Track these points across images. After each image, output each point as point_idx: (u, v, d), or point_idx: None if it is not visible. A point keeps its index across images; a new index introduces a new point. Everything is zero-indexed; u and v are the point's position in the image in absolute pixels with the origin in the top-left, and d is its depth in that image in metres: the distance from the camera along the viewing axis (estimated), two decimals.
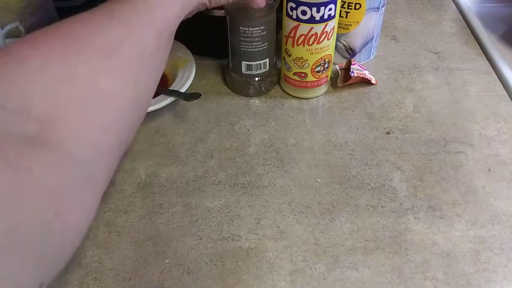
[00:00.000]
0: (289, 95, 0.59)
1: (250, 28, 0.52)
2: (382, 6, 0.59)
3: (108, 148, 0.29)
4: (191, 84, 0.57)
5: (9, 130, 0.23)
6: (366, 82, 0.60)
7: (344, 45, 0.61)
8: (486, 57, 0.64)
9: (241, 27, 0.52)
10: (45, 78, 0.25)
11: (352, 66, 0.58)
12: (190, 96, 0.55)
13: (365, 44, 0.61)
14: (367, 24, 0.59)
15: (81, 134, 0.26)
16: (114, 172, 0.31)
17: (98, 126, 0.28)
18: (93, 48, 0.28)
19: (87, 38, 0.29)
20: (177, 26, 0.37)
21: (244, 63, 0.56)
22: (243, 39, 0.53)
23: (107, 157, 0.29)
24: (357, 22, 0.59)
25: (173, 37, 0.36)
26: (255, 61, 0.55)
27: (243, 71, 0.56)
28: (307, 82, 0.56)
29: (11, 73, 0.24)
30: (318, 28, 0.51)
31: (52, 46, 0.27)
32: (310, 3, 0.49)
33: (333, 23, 0.52)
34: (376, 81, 0.60)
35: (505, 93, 0.59)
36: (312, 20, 0.51)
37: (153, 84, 0.34)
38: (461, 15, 0.73)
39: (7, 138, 0.23)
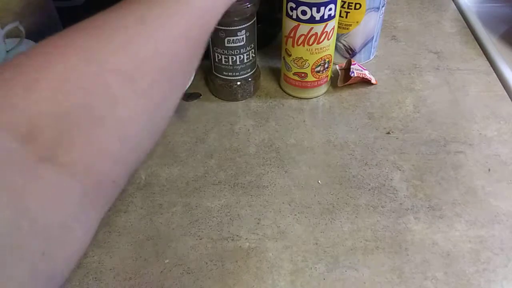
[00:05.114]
0: (289, 95, 0.59)
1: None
2: (382, 6, 0.59)
3: (113, 180, 0.26)
4: (191, 84, 0.57)
5: (13, 158, 0.21)
6: (366, 82, 0.60)
7: (344, 45, 0.61)
8: (486, 57, 0.64)
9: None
10: (55, 108, 0.23)
11: (352, 66, 0.58)
12: (190, 96, 0.55)
13: (365, 44, 0.61)
14: (367, 24, 0.59)
15: (88, 166, 0.24)
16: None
17: (107, 158, 0.25)
18: (115, 69, 0.25)
19: (108, 55, 0.25)
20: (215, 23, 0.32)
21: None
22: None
23: (111, 188, 0.26)
24: (357, 22, 0.59)
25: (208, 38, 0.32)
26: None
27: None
28: (307, 82, 0.56)
29: (18, 99, 0.22)
30: (318, 28, 0.51)
31: (66, 66, 0.23)
32: (310, 3, 0.49)
33: (333, 23, 0.52)
34: (376, 81, 0.60)
35: (505, 93, 0.59)
36: (312, 20, 0.50)
37: (176, 100, 0.30)
38: (461, 15, 0.73)
39: (10, 167, 0.21)
